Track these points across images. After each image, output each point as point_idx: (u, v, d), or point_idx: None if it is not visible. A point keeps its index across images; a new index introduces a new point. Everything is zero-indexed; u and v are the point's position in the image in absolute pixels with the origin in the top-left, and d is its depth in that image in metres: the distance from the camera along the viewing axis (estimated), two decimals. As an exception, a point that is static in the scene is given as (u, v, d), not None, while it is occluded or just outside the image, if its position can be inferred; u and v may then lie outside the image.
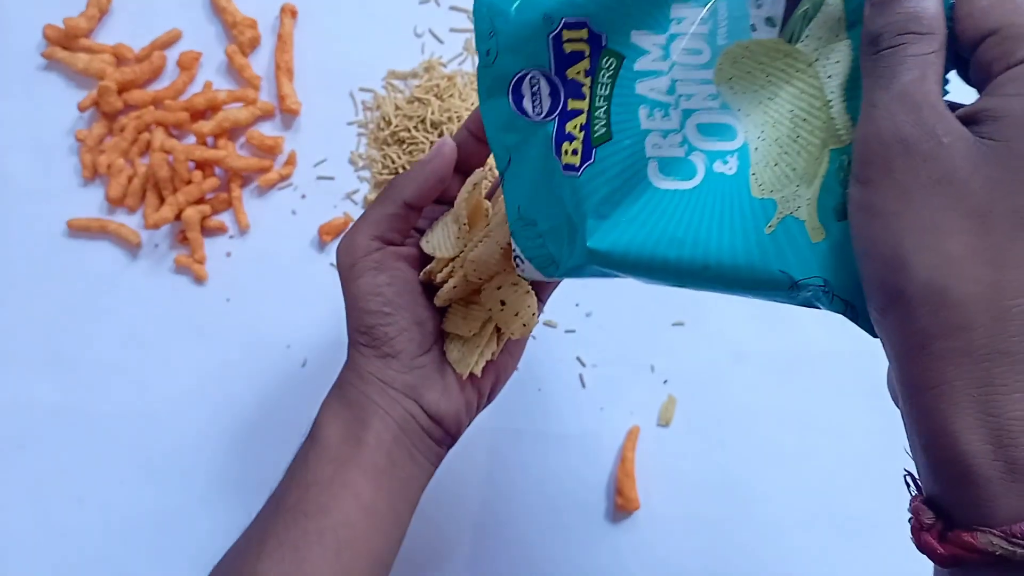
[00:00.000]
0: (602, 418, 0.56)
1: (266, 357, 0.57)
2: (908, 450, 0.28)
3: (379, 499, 0.38)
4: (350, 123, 0.59)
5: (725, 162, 0.30)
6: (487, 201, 0.41)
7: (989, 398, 0.22)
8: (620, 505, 0.54)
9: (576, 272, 0.34)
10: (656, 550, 0.54)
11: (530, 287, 0.40)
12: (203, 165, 0.58)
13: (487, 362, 0.42)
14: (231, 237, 0.59)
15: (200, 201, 0.58)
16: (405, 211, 0.40)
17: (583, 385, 0.56)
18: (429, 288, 0.41)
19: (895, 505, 0.54)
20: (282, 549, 0.37)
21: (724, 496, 0.55)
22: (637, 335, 0.56)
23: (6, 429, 0.58)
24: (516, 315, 0.40)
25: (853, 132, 0.27)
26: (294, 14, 0.60)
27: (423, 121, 0.57)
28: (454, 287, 0.40)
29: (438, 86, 0.58)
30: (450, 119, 0.56)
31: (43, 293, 0.59)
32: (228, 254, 0.59)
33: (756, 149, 0.30)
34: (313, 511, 0.37)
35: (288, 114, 0.59)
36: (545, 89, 0.33)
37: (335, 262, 0.41)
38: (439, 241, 0.40)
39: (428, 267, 0.40)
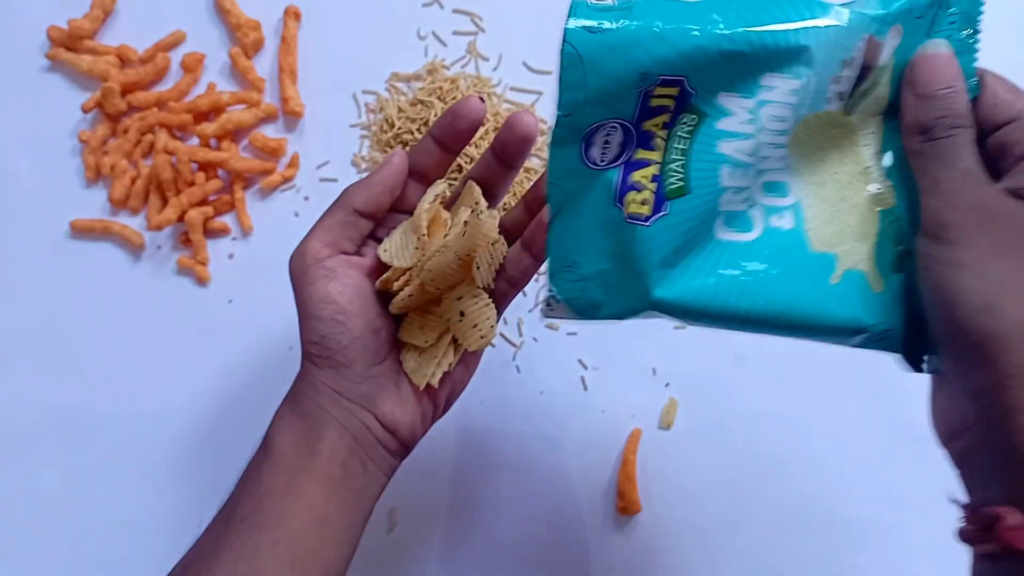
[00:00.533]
0: (603, 421, 0.56)
1: (268, 359, 0.57)
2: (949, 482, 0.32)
3: (333, 509, 0.38)
4: (353, 125, 0.60)
5: (781, 216, 0.33)
6: (446, 212, 0.42)
7: None
8: (621, 508, 0.54)
9: (622, 316, 0.35)
10: (658, 554, 0.54)
11: (490, 299, 0.40)
12: (206, 167, 0.58)
13: (444, 373, 0.41)
14: (234, 239, 0.59)
15: (203, 203, 0.58)
16: (355, 218, 0.40)
17: (585, 388, 0.56)
18: (385, 297, 0.41)
19: (896, 509, 0.54)
20: (236, 562, 0.36)
21: (726, 499, 0.55)
22: (639, 338, 0.56)
23: (7, 430, 0.58)
24: (475, 327, 0.40)
25: (897, 197, 0.33)
26: (298, 16, 0.60)
27: (426, 123, 0.57)
28: (409, 295, 0.40)
29: (441, 88, 0.58)
30: (453, 122, 0.56)
31: (45, 294, 0.59)
32: (231, 256, 0.59)
33: (808, 207, 0.33)
34: (267, 523, 0.37)
35: (291, 116, 0.59)
36: (617, 139, 0.33)
37: (289, 265, 0.40)
38: (396, 250, 0.40)
39: (385, 275, 0.40)
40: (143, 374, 0.58)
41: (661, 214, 0.33)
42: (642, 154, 0.33)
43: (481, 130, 0.56)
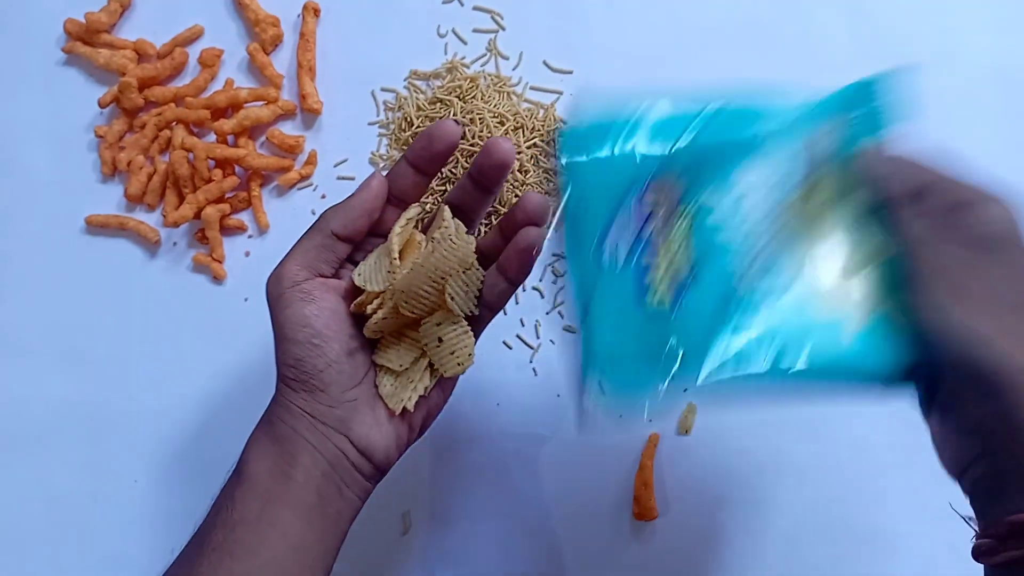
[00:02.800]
0: (621, 425, 0.55)
1: (283, 357, 0.57)
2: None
3: (308, 536, 0.38)
4: (371, 123, 0.59)
5: (784, 293, 0.37)
6: (421, 235, 0.42)
7: None
8: (638, 514, 0.54)
9: (667, 399, 0.38)
10: (674, 560, 0.54)
11: (468, 326, 0.41)
12: (223, 163, 0.58)
13: (419, 397, 0.41)
14: (250, 236, 0.59)
15: (220, 200, 0.58)
16: (332, 242, 0.40)
17: (603, 392, 0.56)
18: (361, 319, 0.41)
19: (916, 516, 0.53)
20: None
21: (744, 507, 0.54)
22: (658, 342, 0.56)
23: (21, 425, 0.57)
24: (452, 353, 0.40)
25: (881, 257, 0.36)
26: (317, 12, 0.59)
27: (445, 122, 0.57)
28: (383, 318, 0.40)
29: (461, 87, 0.57)
30: (472, 121, 0.56)
31: (60, 290, 0.58)
32: (247, 253, 0.58)
33: (805, 282, 0.37)
34: (239, 552, 0.37)
35: (309, 113, 0.59)
36: (625, 244, 0.38)
37: (266, 288, 0.40)
38: (370, 273, 0.40)
39: (359, 299, 0.40)
40: (157, 370, 0.57)
41: (677, 307, 0.37)
42: (653, 257, 0.38)
43: (501, 130, 0.56)
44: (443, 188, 0.56)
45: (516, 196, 0.56)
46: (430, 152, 0.40)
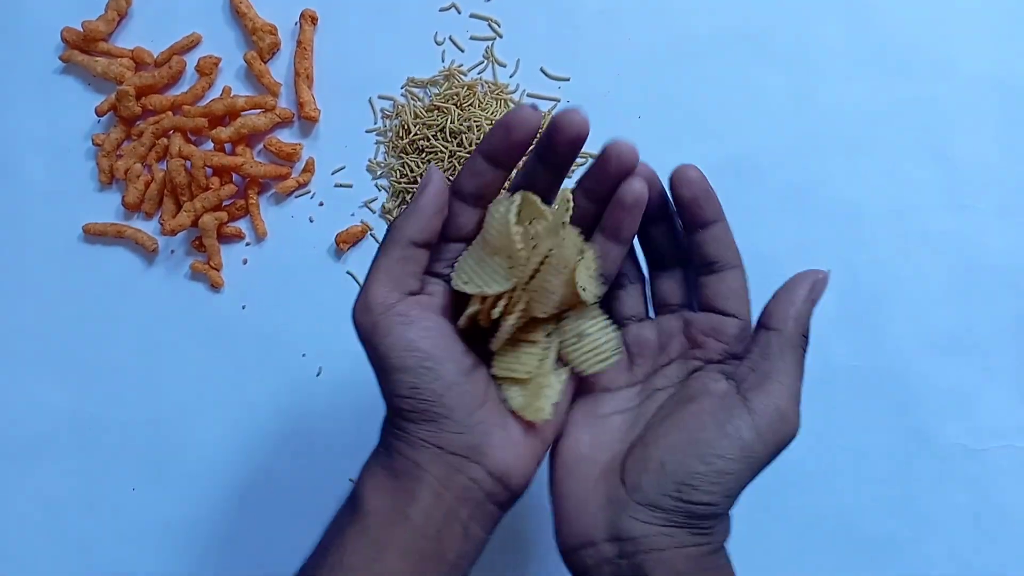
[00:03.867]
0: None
1: (281, 365, 0.57)
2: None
3: None
4: (369, 131, 0.59)
5: None
6: (519, 227, 0.37)
7: None
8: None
9: None
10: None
11: (607, 317, 0.37)
12: (221, 171, 0.58)
13: (553, 404, 0.37)
14: (248, 244, 0.59)
15: (217, 207, 0.58)
16: (412, 251, 0.36)
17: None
18: (470, 333, 0.37)
19: (914, 525, 0.53)
20: None
21: (743, 514, 0.53)
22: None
23: (19, 434, 0.57)
24: (593, 349, 0.37)
25: None
26: (314, 20, 0.59)
27: (442, 130, 0.57)
28: (514, 324, 0.36)
29: (458, 95, 0.57)
30: (470, 128, 0.56)
31: (58, 298, 0.58)
32: (244, 261, 0.58)
33: None
34: None
35: (307, 121, 0.59)
36: None
37: (354, 320, 0.36)
38: (479, 276, 0.36)
39: (472, 309, 0.36)
40: (155, 379, 0.57)
41: None
42: None
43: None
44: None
45: (513, 203, 0.56)
46: (508, 142, 0.35)
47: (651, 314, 0.40)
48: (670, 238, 0.38)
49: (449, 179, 0.51)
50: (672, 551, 0.33)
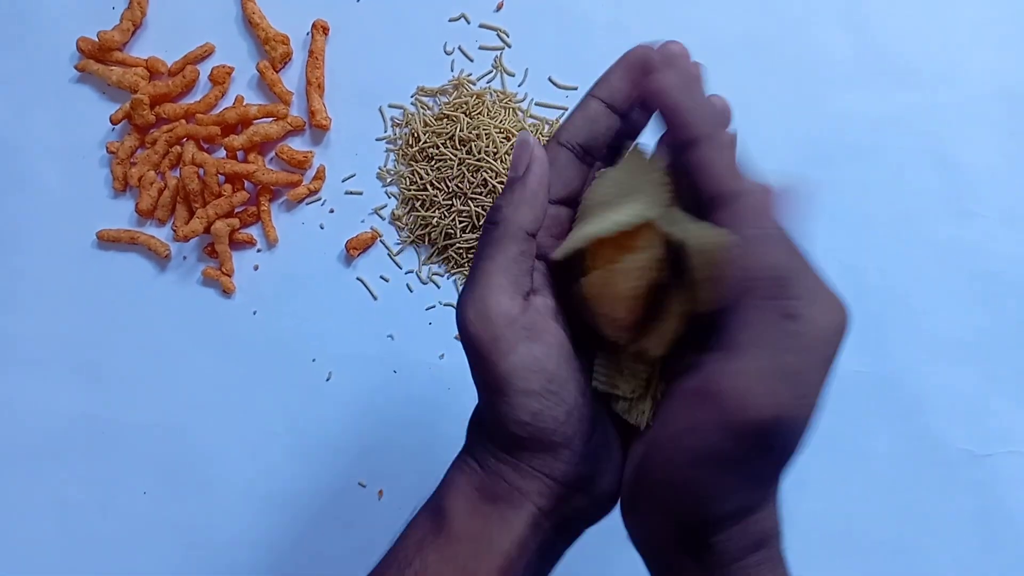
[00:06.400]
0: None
1: (291, 371, 0.58)
2: None
3: None
4: (379, 139, 0.60)
5: None
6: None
7: None
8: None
9: None
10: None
11: None
12: (233, 179, 0.59)
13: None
14: (259, 250, 0.59)
15: (229, 214, 0.58)
16: (529, 244, 0.31)
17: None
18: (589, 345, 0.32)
19: (920, 530, 0.54)
20: None
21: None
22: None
23: (32, 437, 0.58)
24: None
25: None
26: (326, 30, 0.60)
27: (451, 138, 0.57)
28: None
29: (467, 103, 0.58)
30: (478, 136, 0.57)
31: (72, 303, 0.59)
32: (256, 267, 0.59)
33: None
34: None
35: (318, 129, 0.60)
36: None
37: (461, 334, 0.31)
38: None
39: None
40: (167, 384, 0.58)
41: None
42: None
43: (507, 145, 0.57)
44: (449, 202, 0.57)
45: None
46: (631, 80, 0.32)
47: None
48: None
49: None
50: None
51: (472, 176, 0.56)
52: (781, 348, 0.25)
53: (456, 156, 0.57)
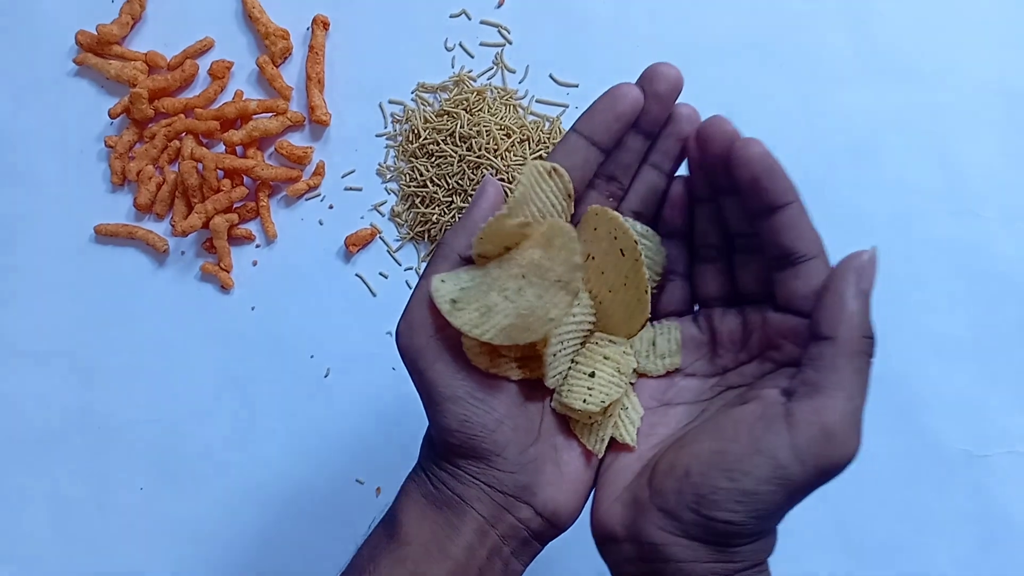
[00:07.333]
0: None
1: (289, 366, 0.57)
2: None
3: None
4: (379, 135, 0.60)
5: None
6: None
7: None
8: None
9: None
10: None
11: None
12: (232, 174, 0.58)
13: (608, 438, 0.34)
14: (258, 246, 0.59)
15: (228, 209, 0.58)
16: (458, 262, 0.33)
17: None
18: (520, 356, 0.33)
19: (917, 530, 0.54)
20: None
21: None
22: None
23: (29, 432, 0.58)
24: (660, 356, 0.35)
25: None
26: (326, 26, 0.60)
27: (452, 134, 0.57)
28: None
29: (468, 100, 0.58)
30: (479, 133, 0.57)
31: (69, 297, 0.59)
32: (254, 263, 0.59)
33: None
34: None
35: (318, 125, 0.59)
36: None
37: (397, 343, 0.32)
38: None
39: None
40: (164, 379, 0.58)
41: None
42: None
43: (507, 142, 0.56)
44: (449, 199, 0.57)
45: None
46: (610, 118, 0.32)
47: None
48: (717, 222, 0.33)
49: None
50: (691, 564, 0.29)
51: (472, 173, 0.56)
52: (859, 394, 0.29)
53: (456, 153, 0.57)
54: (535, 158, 0.57)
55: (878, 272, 0.30)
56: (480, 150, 0.56)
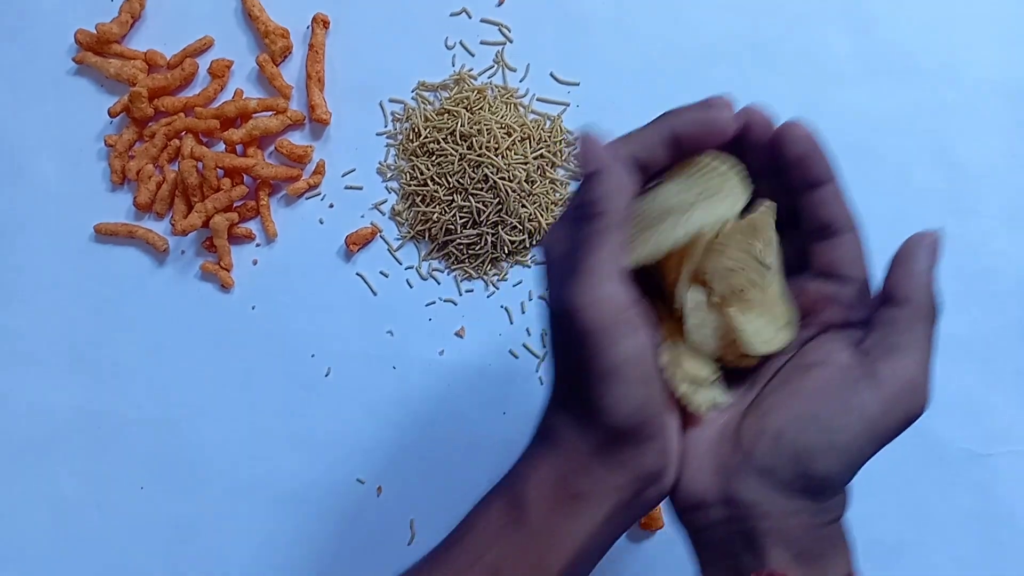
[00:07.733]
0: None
1: (290, 366, 0.57)
2: None
3: None
4: (379, 134, 0.60)
5: None
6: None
7: None
8: (643, 523, 0.54)
9: None
10: (680, 569, 0.54)
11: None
12: (232, 173, 0.58)
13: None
14: (258, 245, 0.59)
15: (228, 208, 0.58)
16: (627, 235, 0.32)
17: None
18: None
19: (920, 529, 0.54)
20: None
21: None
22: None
23: (27, 432, 0.58)
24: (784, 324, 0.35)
25: None
26: (326, 24, 0.60)
27: (452, 133, 0.57)
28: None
29: (468, 98, 0.58)
30: (480, 132, 0.56)
31: (69, 297, 0.59)
32: (255, 262, 0.59)
33: None
34: None
35: (318, 123, 0.59)
36: None
37: (570, 324, 0.30)
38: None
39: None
40: (165, 379, 0.58)
41: None
42: None
43: (508, 141, 0.56)
44: (450, 198, 0.57)
45: (523, 206, 0.56)
46: (701, 137, 0.33)
47: None
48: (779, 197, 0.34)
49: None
50: (785, 518, 0.31)
51: (473, 172, 0.56)
52: (931, 351, 0.31)
53: (457, 151, 0.57)
54: (536, 156, 0.57)
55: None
56: (481, 149, 0.56)
